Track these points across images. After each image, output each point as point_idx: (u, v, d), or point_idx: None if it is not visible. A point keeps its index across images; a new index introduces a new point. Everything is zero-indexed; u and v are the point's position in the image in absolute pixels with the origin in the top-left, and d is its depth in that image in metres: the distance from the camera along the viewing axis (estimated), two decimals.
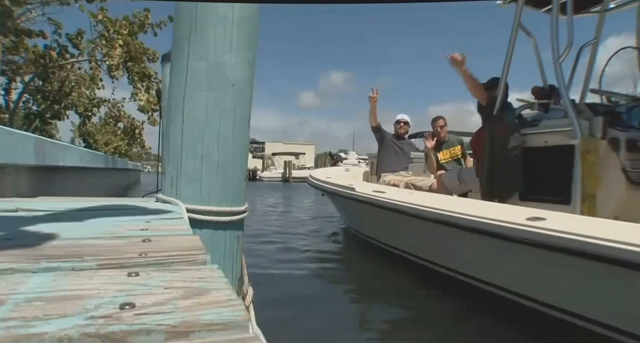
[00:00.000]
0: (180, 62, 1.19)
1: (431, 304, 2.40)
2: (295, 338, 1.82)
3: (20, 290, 0.42)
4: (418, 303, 2.41)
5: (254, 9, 1.25)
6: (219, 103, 1.18)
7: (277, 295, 2.41)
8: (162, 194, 1.25)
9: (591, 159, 2.34)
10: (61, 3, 7.75)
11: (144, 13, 8.68)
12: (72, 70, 9.70)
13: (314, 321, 2.08)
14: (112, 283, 0.45)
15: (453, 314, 2.23)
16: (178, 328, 0.35)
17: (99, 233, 0.74)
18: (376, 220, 3.43)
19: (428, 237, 2.71)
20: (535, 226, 1.70)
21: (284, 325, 1.93)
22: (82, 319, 0.35)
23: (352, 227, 4.45)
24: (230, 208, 1.20)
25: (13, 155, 2.55)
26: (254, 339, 0.35)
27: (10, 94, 9.04)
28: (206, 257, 0.58)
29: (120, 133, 13.95)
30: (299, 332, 1.90)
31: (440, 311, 2.29)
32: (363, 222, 3.95)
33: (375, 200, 3.08)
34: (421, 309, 2.31)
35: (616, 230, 1.52)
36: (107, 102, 11.66)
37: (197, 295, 0.42)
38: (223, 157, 1.18)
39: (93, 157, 6.68)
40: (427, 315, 2.23)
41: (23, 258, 0.53)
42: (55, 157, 3.69)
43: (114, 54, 8.36)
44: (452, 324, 2.12)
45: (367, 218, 3.70)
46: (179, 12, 1.21)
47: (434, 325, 2.10)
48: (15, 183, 2.76)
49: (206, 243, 0.75)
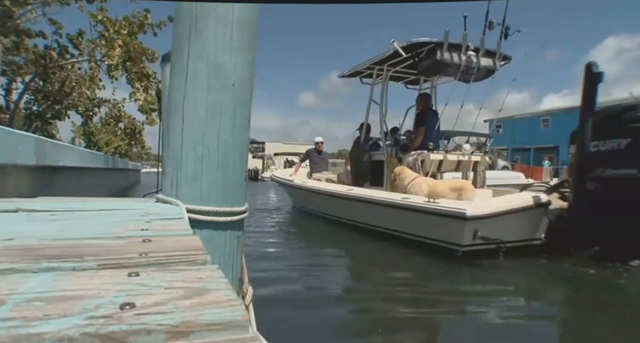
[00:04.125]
0: (180, 62, 1.19)
1: (349, 241, 4.40)
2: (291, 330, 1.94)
3: (21, 290, 0.42)
4: (344, 242, 4.41)
5: (254, 9, 1.25)
6: (219, 103, 1.17)
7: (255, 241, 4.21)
8: (162, 194, 1.25)
9: (390, 166, 5.18)
10: (61, 3, 7.75)
11: (144, 13, 8.68)
12: (73, 71, 9.70)
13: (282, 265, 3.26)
14: (112, 283, 0.45)
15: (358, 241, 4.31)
16: (178, 328, 0.35)
17: (99, 233, 0.74)
18: (307, 198, 6.31)
19: (335, 205, 5.30)
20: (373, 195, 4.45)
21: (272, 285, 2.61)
22: (82, 319, 0.35)
23: (296, 204, 7.40)
24: (230, 208, 1.20)
25: (13, 155, 2.56)
26: (254, 339, 0.35)
27: (11, 94, 9.04)
28: (206, 257, 0.58)
29: (121, 133, 13.95)
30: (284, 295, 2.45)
31: (357, 244, 4.24)
32: (300, 200, 6.85)
33: (305, 187, 6.18)
34: (346, 245, 4.24)
35: (396, 196, 4.08)
36: (108, 102, 11.66)
37: (197, 295, 0.42)
38: (223, 157, 1.18)
39: (93, 157, 6.68)
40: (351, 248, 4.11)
41: (23, 258, 0.53)
42: (56, 157, 3.69)
43: (114, 54, 8.36)
44: (354, 247, 4.13)
45: (302, 198, 6.60)
46: (179, 12, 1.21)
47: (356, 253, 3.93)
48: (15, 184, 2.76)
49: (206, 243, 0.75)
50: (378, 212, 4.29)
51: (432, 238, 3.65)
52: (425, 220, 3.67)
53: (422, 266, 3.29)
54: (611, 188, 3.26)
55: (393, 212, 4.05)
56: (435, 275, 3.05)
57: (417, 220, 3.76)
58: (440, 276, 3.04)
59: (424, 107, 5.38)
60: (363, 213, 4.58)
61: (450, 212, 3.41)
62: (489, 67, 4.83)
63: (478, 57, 4.66)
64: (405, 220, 3.91)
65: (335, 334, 1.93)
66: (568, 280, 2.97)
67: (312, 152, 7.51)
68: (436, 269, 3.20)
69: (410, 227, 3.89)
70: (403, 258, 3.57)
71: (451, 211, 3.40)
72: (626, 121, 3.18)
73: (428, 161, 4.72)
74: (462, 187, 4.01)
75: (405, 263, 3.40)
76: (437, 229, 3.58)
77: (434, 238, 3.63)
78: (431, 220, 3.60)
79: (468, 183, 4.28)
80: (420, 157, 4.77)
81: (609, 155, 3.24)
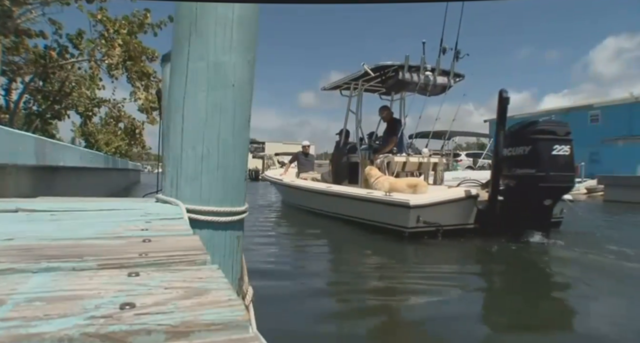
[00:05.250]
0: (180, 62, 1.19)
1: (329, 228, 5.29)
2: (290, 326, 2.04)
3: (21, 290, 0.42)
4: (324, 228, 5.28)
5: (254, 9, 1.25)
6: (219, 103, 1.17)
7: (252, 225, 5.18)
8: (162, 194, 1.25)
9: (365, 166, 5.77)
10: (61, 3, 7.74)
11: (144, 13, 8.67)
12: (73, 71, 9.69)
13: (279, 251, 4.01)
14: (112, 283, 0.45)
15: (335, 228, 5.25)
16: (178, 328, 0.35)
17: (99, 233, 0.74)
18: (295, 194, 7.31)
19: (316, 199, 6.24)
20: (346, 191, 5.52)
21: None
22: (83, 319, 0.35)
23: (285, 200, 8.42)
24: (230, 208, 1.20)
25: (13, 155, 2.56)
26: (254, 339, 0.35)
27: (11, 95, 9.03)
28: (206, 257, 0.58)
29: (121, 133, 13.96)
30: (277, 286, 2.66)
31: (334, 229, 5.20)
32: (289, 196, 7.91)
33: (292, 185, 7.28)
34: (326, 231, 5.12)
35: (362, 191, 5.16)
36: (108, 102, 11.65)
37: (197, 295, 0.42)
38: (223, 157, 1.18)
39: (93, 157, 6.68)
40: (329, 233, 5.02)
41: (23, 258, 0.53)
42: (56, 157, 3.69)
43: (114, 53, 8.35)
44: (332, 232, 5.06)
45: (290, 194, 7.70)
46: (179, 12, 1.21)
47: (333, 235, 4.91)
48: (15, 184, 2.76)
49: (206, 243, 0.75)
50: (349, 204, 5.31)
51: (388, 223, 4.56)
52: (382, 209, 4.65)
53: (381, 244, 4.21)
54: (519, 184, 4.26)
55: (360, 203, 5.04)
56: (389, 250, 3.96)
57: (377, 210, 4.73)
58: (393, 250, 3.96)
59: (390, 118, 6.44)
60: (338, 205, 5.59)
61: (398, 202, 4.36)
62: (444, 84, 5.83)
63: (434, 76, 5.70)
64: (369, 209, 4.88)
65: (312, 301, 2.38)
66: (490, 254, 3.91)
67: (300, 154, 8.59)
68: (390, 246, 4.11)
69: (373, 215, 4.83)
70: (368, 238, 4.50)
71: (399, 201, 4.35)
72: (528, 133, 4.18)
73: (393, 163, 5.72)
74: (417, 184, 4.88)
75: (369, 243, 4.32)
76: (390, 216, 4.52)
77: (389, 223, 4.55)
78: (386, 209, 4.58)
79: (422, 181, 5.12)
80: (387, 159, 5.77)
81: (517, 159, 4.22)
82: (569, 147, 4.11)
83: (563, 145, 4.08)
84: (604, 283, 2.86)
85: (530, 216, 4.23)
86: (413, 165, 5.92)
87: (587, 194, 15.34)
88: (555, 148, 4.06)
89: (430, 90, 5.81)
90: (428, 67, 5.63)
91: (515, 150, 4.25)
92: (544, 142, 4.06)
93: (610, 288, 2.74)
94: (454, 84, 5.92)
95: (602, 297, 2.59)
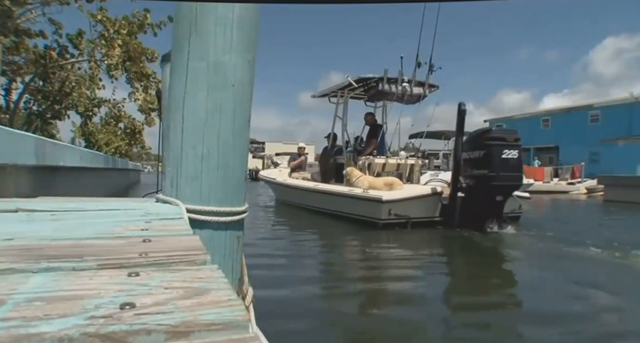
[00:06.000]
0: (180, 62, 1.19)
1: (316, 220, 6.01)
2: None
3: (21, 290, 0.42)
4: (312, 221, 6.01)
5: (254, 9, 1.25)
6: (219, 103, 1.17)
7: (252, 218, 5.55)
8: (162, 194, 1.25)
9: (348, 166, 6.47)
10: (61, 3, 7.74)
11: (143, 13, 8.66)
12: (73, 71, 9.68)
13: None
14: (112, 283, 0.45)
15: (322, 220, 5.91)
16: (178, 328, 0.35)
17: (99, 233, 0.74)
18: (287, 192, 7.96)
19: (306, 196, 6.91)
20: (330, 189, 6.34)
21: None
22: (83, 319, 0.35)
23: (278, 198, 9.03)
24: (230, 208, 1.20)
25: (13, 155, 2.55)
26: (254, 339, 0.35)
27: (11, 95, 9.02)
28: (206, 257, 0.58)
29: (121, 133, 13.95)
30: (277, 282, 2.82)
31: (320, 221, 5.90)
32: (282, 194, 8.55)
33: (284, 183, 7.92)
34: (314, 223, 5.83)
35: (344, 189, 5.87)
36: (108, 102, 11.65)
37: (197, 295, 0.42)
38: (223, 157, 1.18)
39: (93, 157, 6.68)
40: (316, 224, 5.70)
41: (23, 258, 0.53)
42: (56, 157, 3.69)
43: (113, 53, 8.34)
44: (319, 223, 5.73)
45: (283, 192, 8.31)
46: (179, 12, 1.21)
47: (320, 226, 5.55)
48: (15, 184, 2.76)
49: (206, 243, 0.75)
50: (333, 200, 6.06)
51: (365, 216, 5.29)
52: (361, 204, 5.39)
53: (359, 232, 4.93)
54: (475, 182, 5.07)
55: (342, 199, 5.78)
56: (366, 238, 4.58)
57: (356, 204, 5.49)
58: (369, 238, 4.57)
59: (373, 123, 7.15)
60: (324, 201, 6.34)
61: (373, 198, 5.12)
62: (420, 93, 6.58)
63: (411, 87, 6.42)
64: (350, 205, 5.63)
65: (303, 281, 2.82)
66: (451, 242, 4.62)
67: (295, 155, 9.71)
68: (367, 234, 4.82)
69: (353, 209, 5.56)
70: (349, 228, 5.21)
71: (374, 197, 5.11)
72: (483, 139, 4.99)
73: (374, 164, 6.47)
74: (393, 183, 5.56)
75: (350, 232, 5.03)
76: (367, 210, 5.25)
77: (366, 216, 5.28)
78: (364, 204, 5.32)
79: (397, 180, 5.74)
80: (368, 161, 6.50)
81: (474, 161, 5.04)
82: (517, 151, 4.92)
83: (512, 150, 4.90)
84: (542, 262, 3.60)
85: (486, 210, 5.03)
86: (392, 166, 6.64)
87: (587, 194, 15.33)
88: (505, 152, 4.87)
89: (407, 100, 6.55)
90: (405, 78, 6.35)
91: (473, 154, 5.06)
92: (496, 147, 4.87)
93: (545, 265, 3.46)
94: (429, 93, 6.71)
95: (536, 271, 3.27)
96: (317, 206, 6.53)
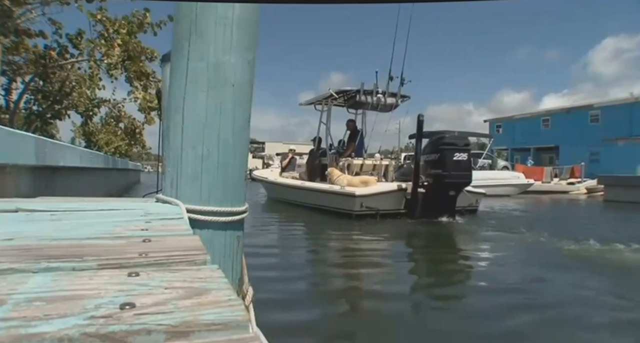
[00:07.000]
0: (180, 62, 1.19)
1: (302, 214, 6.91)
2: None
3: (21, 290, 0.42)
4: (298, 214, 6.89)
5: (254, 9, 1.25)
6: (219, 103, 1.17)
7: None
8: (162, 194, 1.25)
9: (330, 167, 7.32)
10: (61, 3, 7.73)
11: (143, 12, 8.65)
12: (73, 70, 9.68)
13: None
14: (112, 283, 0.45)
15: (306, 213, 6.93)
16: (178, 328, 0.35)
17: (99, 233, 0.74)
18: (277, 190, 8.97)
19: (293, 193, 7.96)
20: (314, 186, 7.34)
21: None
22: (83, 319, 0.35)
23: (270, 195, 9.99)
24: (230, 208, 1.20)
25: (13, 155, 2.55)
26: (254, 339, 0.35)
27: (11, 95, 9.01)
28: (206, 257, 0.58)
29: (121, 133, 13.96)
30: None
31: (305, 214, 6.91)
32: (272, 191, 9.61)
33: (275, 182, 9.05)
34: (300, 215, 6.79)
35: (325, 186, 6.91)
36: (108, 102, 11.65)
37: (197, 295, 0.42)
38: (223, 157, 1.18)
39: (93, 157, 6.67)
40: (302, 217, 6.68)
41: (23, 258, 0.53)
42: (56, 157, 3.69)
43: (113, 53, 8.33)
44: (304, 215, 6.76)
45: (274, 190, 9.36)
46: (179, 12, 1.21)
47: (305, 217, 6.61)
48: (15, 184, 2.76)
49: (206, 243, 0.75)
50: (316, 196, 7.00)
51: (342, 208, 6.20)
52: (338, 198, 6.30)
53: (336, 222, 5.82)
54: (432, 180, 6.05)
55: (323, 195, 6.74)
56: (342, 227, 5.42)
57: (335, 199, 6.41)
58: (345, 227, 5.39)
59: (353, 129, 8.10)
60: (308, 197, 7.32)
61: (348, 193, 6.01)
62: (393, 103, 7.57)
63: (385, 98, 7.33)
64: (329, 199, 6.58)
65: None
66: (413, 229, 5.45)
67: (286, 156, 10.79)
68: (342, 223, 5.71)
69: (332, 203, 6.50)
70: (328, 219, 6.13)
71: (348, 192, 5.99)
72: (438, 144, 6.04)
73: (352, 165, 7.39)
74: (368, 181, 6.43)
75: (329, 222, 5.94)
76: (343, 203, 6.17)
77: (342, 208, 6.18)
78: (341, 198, 6.23)
79: (372, 178, 6.63)
80: (347, 162, 7.41)
81: (431, 162, 6.05)
82: (466, 154, 6.00)
83: (462, 153, 5.94)
84: (485, 246, 4.29)
85: (441, 203, 6.02)
86: (369, 166, 7.63)
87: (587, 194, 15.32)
88: (456, 155, 5.88)
89: (381, 108, 7.51)
90: (379, 90, 7.28)
91: (430, 156, 6.07)
92: (448, 151, 5.87)
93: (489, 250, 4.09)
94: (401, 103, 7.68)
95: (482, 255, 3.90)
96: (303, 201, 7.52)
